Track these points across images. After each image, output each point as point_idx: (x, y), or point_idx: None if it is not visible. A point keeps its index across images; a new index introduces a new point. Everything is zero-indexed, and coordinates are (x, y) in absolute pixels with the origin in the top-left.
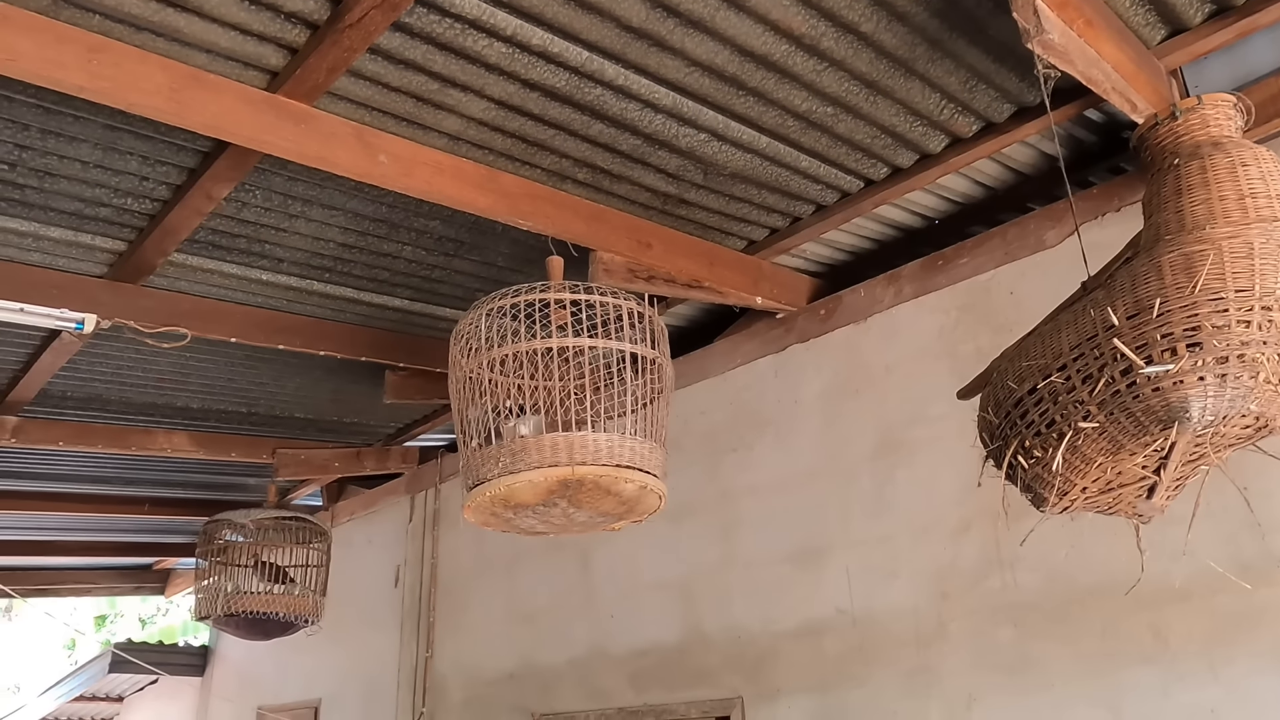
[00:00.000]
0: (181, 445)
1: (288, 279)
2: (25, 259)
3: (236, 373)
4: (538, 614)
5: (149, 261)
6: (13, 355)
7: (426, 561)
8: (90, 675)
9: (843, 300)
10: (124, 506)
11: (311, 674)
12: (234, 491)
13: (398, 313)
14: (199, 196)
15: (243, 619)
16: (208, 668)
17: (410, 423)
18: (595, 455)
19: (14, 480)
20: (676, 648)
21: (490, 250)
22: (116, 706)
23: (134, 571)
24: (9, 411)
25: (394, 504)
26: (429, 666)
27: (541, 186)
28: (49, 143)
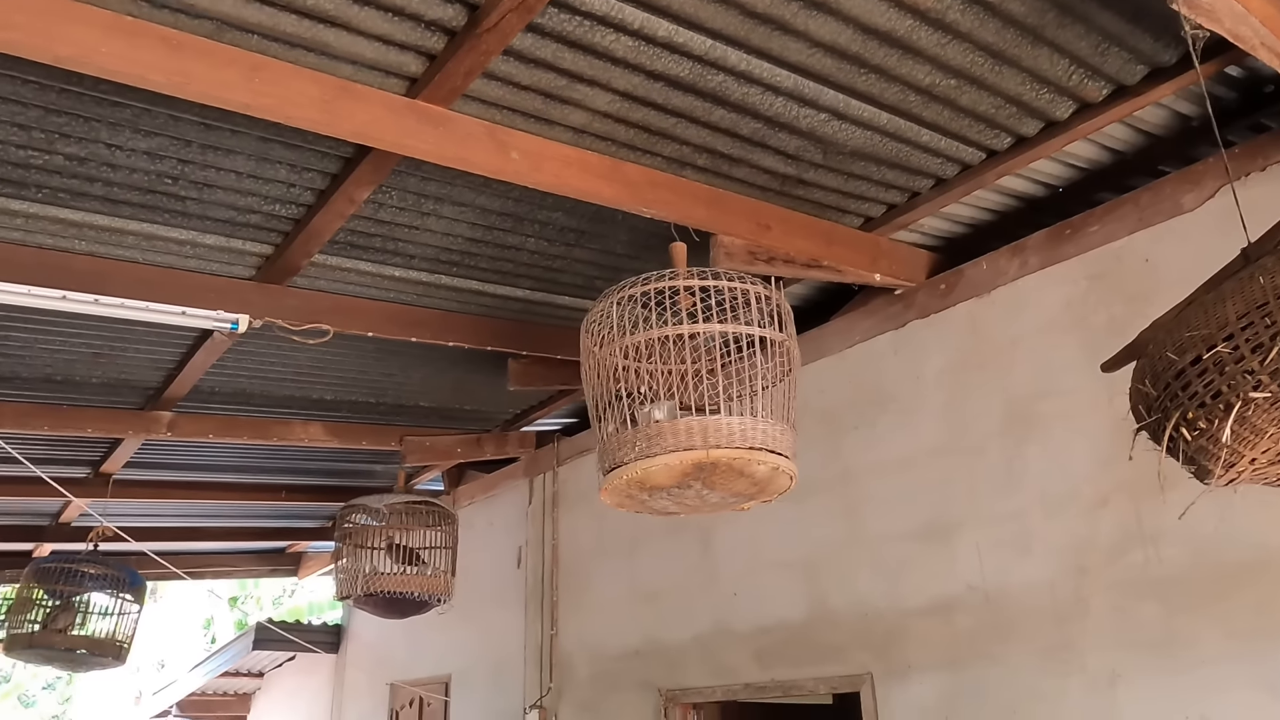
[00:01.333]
0: (317, 435)
1: (418, 274)
2: (183, 265)
3: (367, 365)
4: (660, 592)
5: (294, 263)
6: (169, 355)
7: (547, 542)
8: (235, 652)
9: (964, 274)
10: (262, 494)
11: (441, 651)
12: (362, 478)
13: (520, 303)
14: (342, 200)
15: (380, 598)
16: (341, 645)
17: (527, 409)
18: (729, 438)
19: (170, 471)
20: (802, 625)
21: (609, 239)
22: (257, 681)
23: (269, 555)
24: (165, 407)
25: (513, 487)
26: (554, 643)
27: (662, 174)
28: (208, 156)
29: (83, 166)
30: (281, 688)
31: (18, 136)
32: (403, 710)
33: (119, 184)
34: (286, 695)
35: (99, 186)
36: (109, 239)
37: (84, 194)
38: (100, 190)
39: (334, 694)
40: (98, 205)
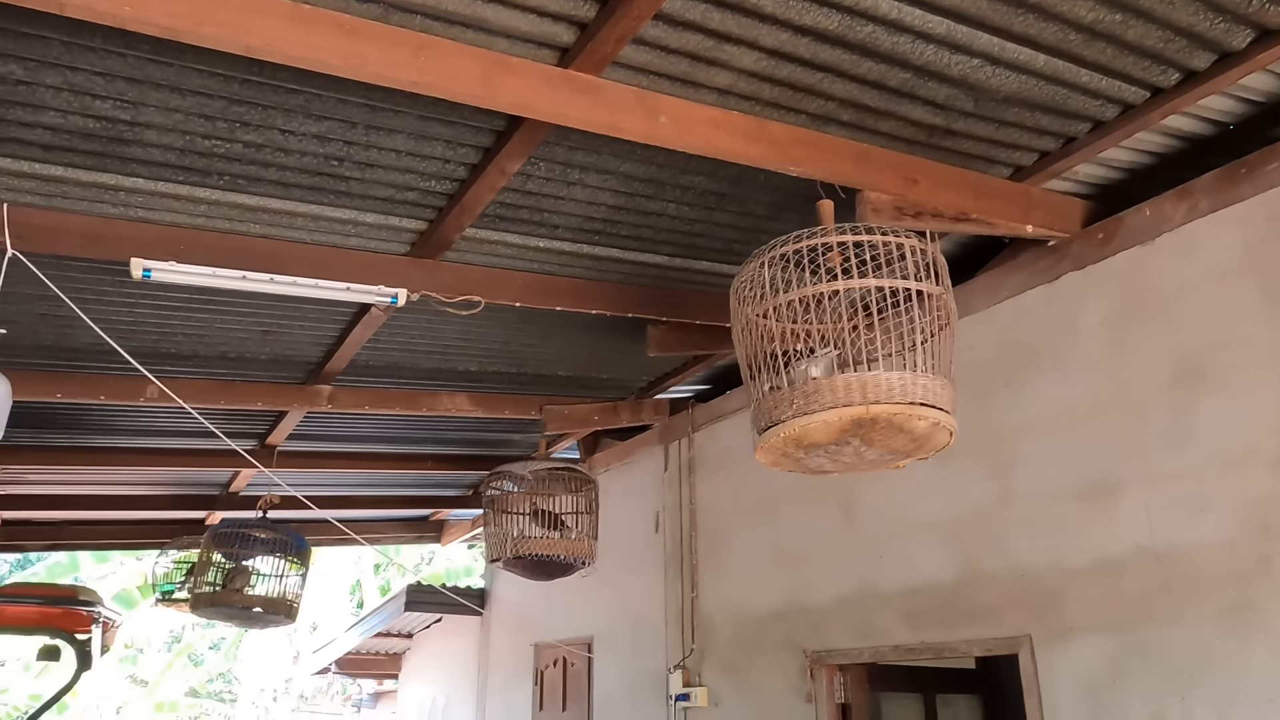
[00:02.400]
0: (462, 405)
1: (561, 244)
2: (345, 244)
3: (509, 336)
4: (802, 555)
5: (447, 237)
6: (329, 331)
7: (685, 507)
8: (388, 614)
9: (1124, 222)
10: (409, 464)
11: (582, 613)
12: (501, 447)
13: (658, 269)
14: (494, 173)
15: (528, 561)
16: (485, 608)
17: (661, 376)
18: (889, 394)
19: (325, 442)
20: (953, 586)
21: (750, 201)
22: (407, 642)
23: (414, 522)
24: (325, 381)
25: (648, 454)
26: (695, 606)
27: (808, 131)
28: (372, 137)
29: (259, 153)
30: (429, 648)
31: (204, 127)
32: (547, 670)
33: (291, 168)
34: (434, 655)
35: (273, 171)
36: (281, 221)
37: (260, 179)
38: (274, 175)
39: (480, 654)
40: (271, 189)
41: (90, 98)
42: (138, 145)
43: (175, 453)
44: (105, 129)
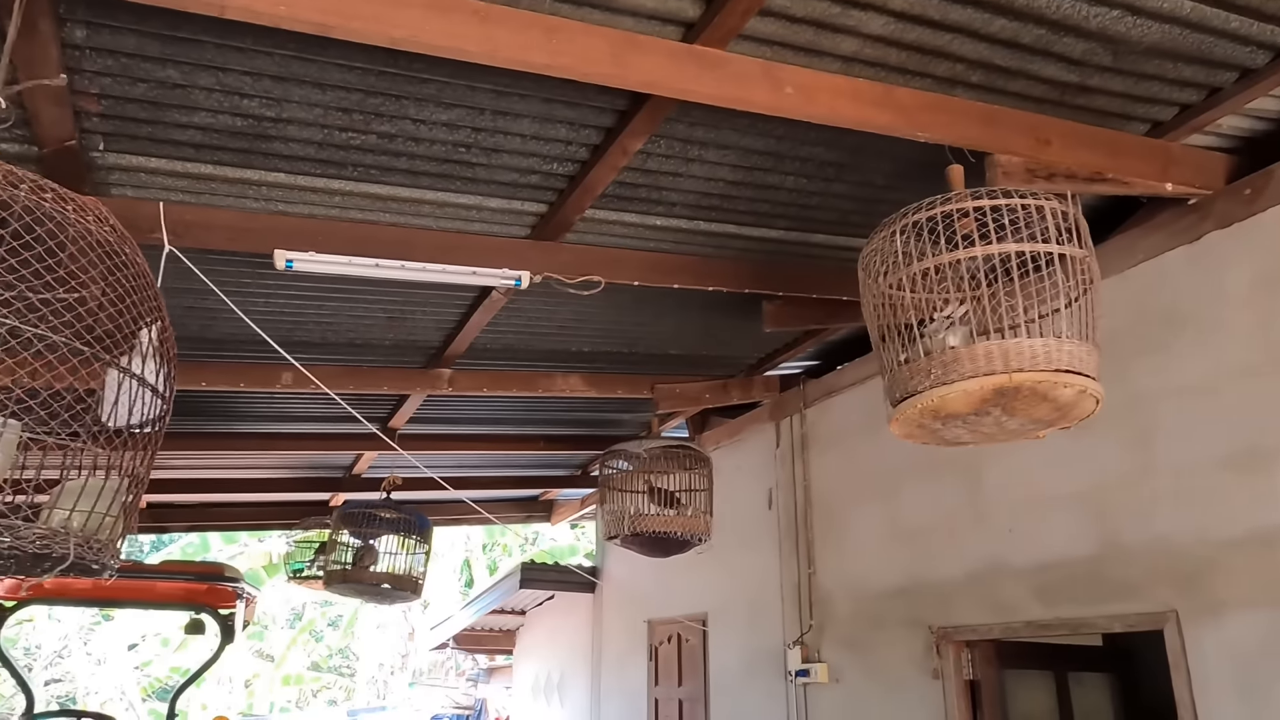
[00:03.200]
0: (576, 386)
1: (678, 222)
2: (469, 229)
3: (621, 316)
4: (924, 530)
5: (567, 219)
6: (450, 316)
7: (799, 484)
8: (504, 591)
9: (1275, 175)
10: (521, 444)
11: (695, 590)
12: (610, 427)
13: (774, 243)
14: (616, 153)
15: (645, 538)
16: (598, 585)
17: (771, 353)
18: (1033, 361)
19: (441, 425)
20: (1089, 560)
21: (869, 170)
22: (520, 619)
23: (524, 502)
24: (445, 365)
25: (759, 431)
26: (812, 582)
27: (935, 95)
28: (498, 122)
29: (391, 143)
30: (542, 625)
31: (341, 120)
32: (661, 646)
33: (420, 156)
34: (548, 631)
35: (403, 160)
36: (409, 209)
37: (391, 169)
38: (404, 164)
39: (593, 630)
40: (401, 179)
41: (239, 97)
42: (280, 141)
43: (304, 437)
44: (251, 126)
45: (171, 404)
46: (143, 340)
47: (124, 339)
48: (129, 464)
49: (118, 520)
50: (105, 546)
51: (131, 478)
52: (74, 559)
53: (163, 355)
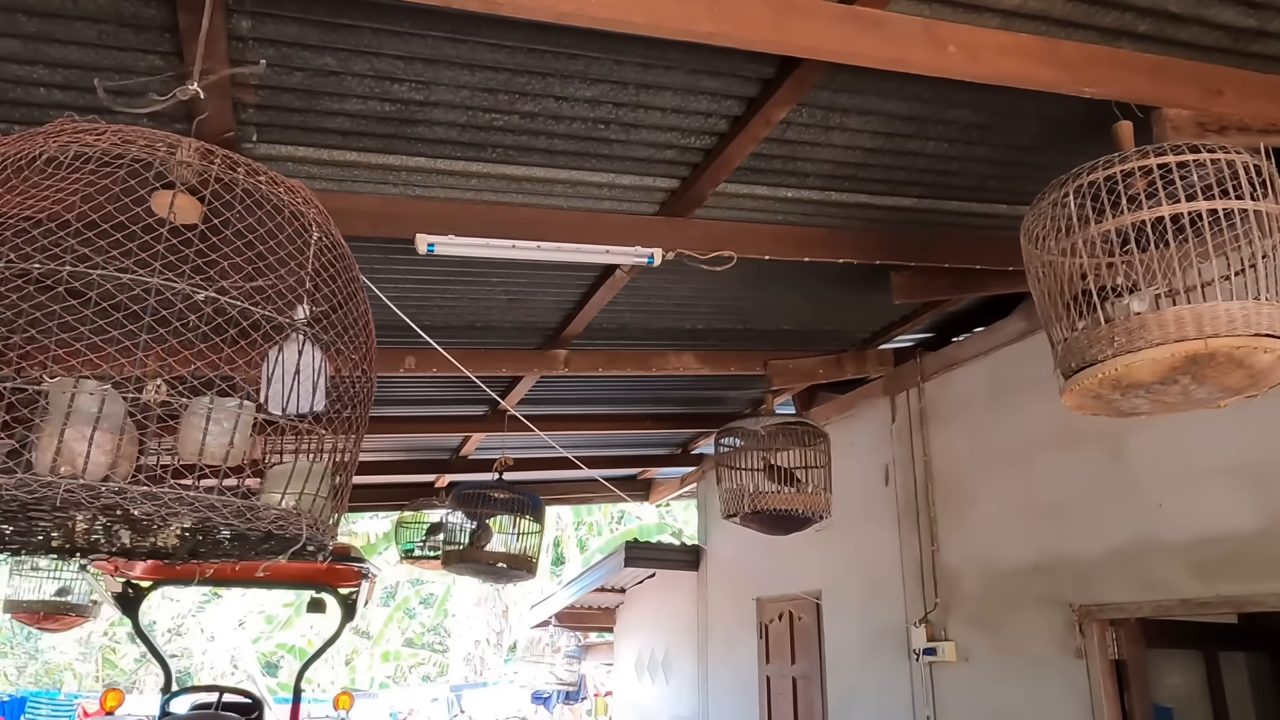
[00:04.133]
0: (689, 363)
1: (810, 193)
2: (599, 207)
3: (737, 293)
4: (1062, 505)
5: (700, 194)
6: (570, 296)
7: (918, 459)
8: (607, 569)
9: None
10: (623, 423)
11: (808, 568)
12: (714, 405)
13: (905, 212)
14: (759, 124)
15: (765, 515)
16: (701, 563)
17: (884, 327)
18: (1229, 325)
19: (548, 406)
20: (1257, 536)
21: (1014, 132)
22: (620, 597)
23: (622, 481)
24: (562, 345)
25: (872, 406)
26: (936, 559)
27: (1100, 48)
28: (641, 96)
29: (533, 123)
30: (643, 602)
31: (487, 101)
32: (771, 624)
33: (559, 135)
34: (649, 609)
35: (542, 140)
36: (542, 189)
37: (530, 149)
38: (543, 144)
39: (698, 608)
40: (539, 159)
41: (390, 82)
42: (424, 125)
43: (419, 420)
44: (398, 111)
45: (374, 389)
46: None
47: (336, 321)
48: (341, 447)
49: (328, 502)
50: (325, 528)
51: (342, 461)
52: (304, 540)
53: (365, 338)
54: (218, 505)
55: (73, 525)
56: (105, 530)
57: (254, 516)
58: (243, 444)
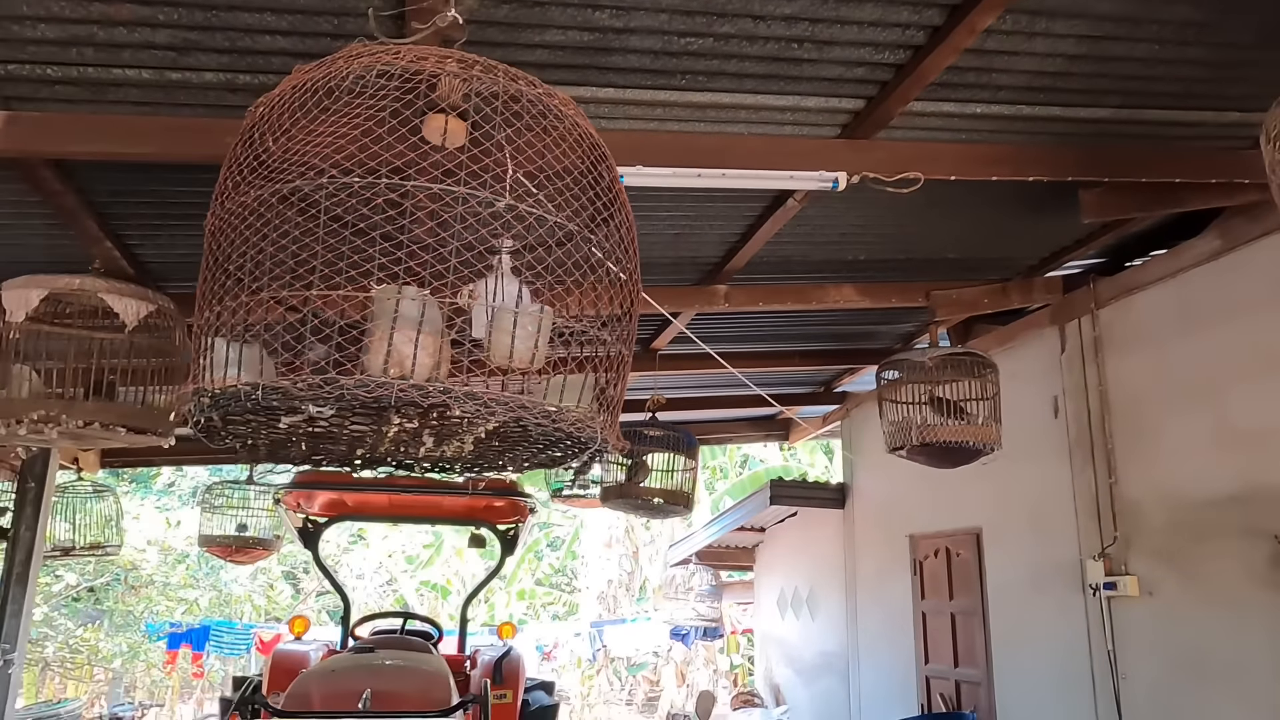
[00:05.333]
0: (849, 296)
1: (1000, 109)
2: (780, 132)
3: (903, 221)
4: (1262, 433)
5: (887, 113)
6: (735, 229)
7: (1092, 390)
8: (751, 508)
9: None
10: (768, 361)
11: (966, 504)
12: (863, 340)
13: (1100, 125)
14: (962, 33)
15: (934, 448)
16: (847, 502)
17: (1054, 252)
18: None
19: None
20: None
21: (1235, 29)
22: (759, 536)
23: (762, 422)
24: (722, 280)
25: (1036, 336)
26: (1114, 492)
27: None
28: (840, 10)
29: (725, 45)
30: (785, 541)
31: (684, 24)
32: (926, 560)
33: (751, 56)
34: (791, 548)
35: (733, 63)
36: (726, 116)
37: (719, 74)
38: (733, 67)
39: (844, 546)
40: (726, 83)
41: (591, 10)
42: (619, 54)
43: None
44: (596, 40)
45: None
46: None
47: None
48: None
49: (607, 410)
50: (615, 434)
51: (620, 370)
52: (598, 445)
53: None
54: (529, 406)
55: (386, 430)
56: (411, 436)
57: (558, 418)
58: (545, 348)
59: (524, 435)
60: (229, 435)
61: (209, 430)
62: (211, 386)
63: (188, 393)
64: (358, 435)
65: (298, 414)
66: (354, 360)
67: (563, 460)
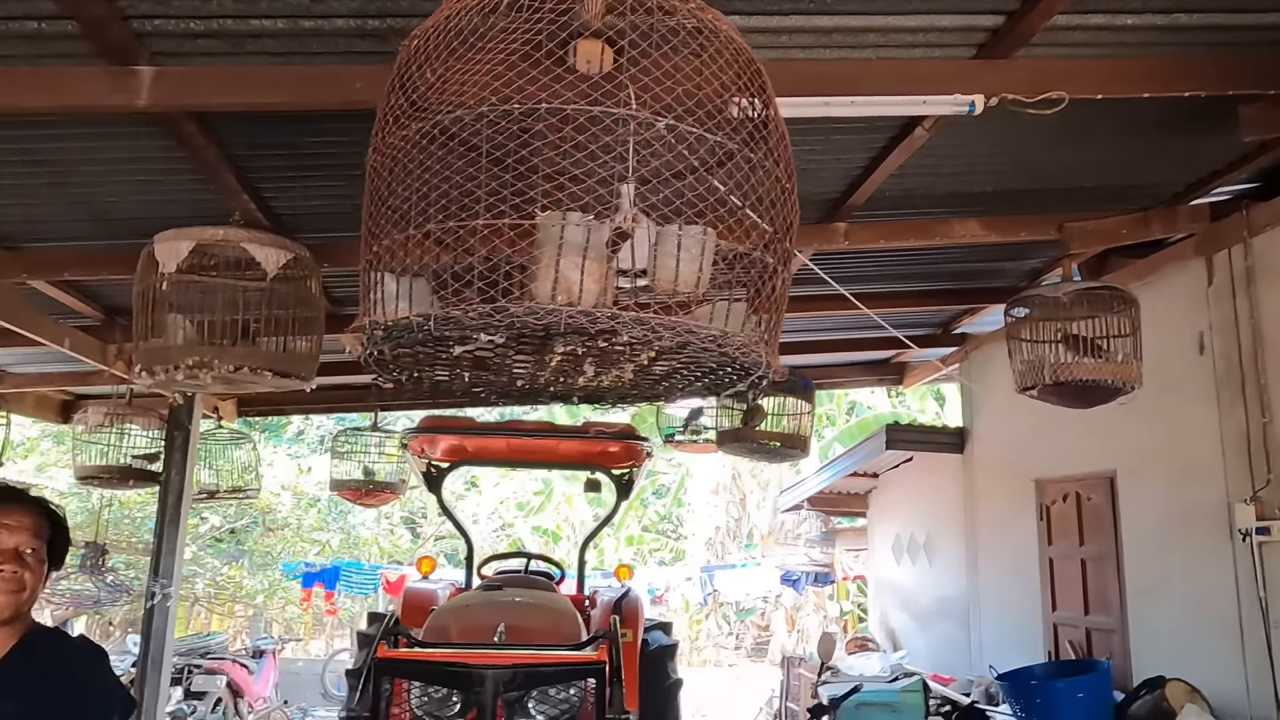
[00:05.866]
0: (975, 231)
1: (1153, 18)
2: (911, 55)
3: (1037, 148)
4: None
5: (1028, 30)
6: (858, 161)
7: (1244, 324)
8: (866, 453)
9: None
10: (883, 302)
11: (1097, 447)
12: (985, 278)
13: (1266, 31)
14: None
15: (1070, 387)
16: (966, 446)
17: (1201, 178)
18: None
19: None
20: None
21: None
22: (873, 481)
23: (873, 366)
24: (841, 218)
25: (1180, 269)
26: (1267, 432)
27: None
28: None
29: None
30: (899, 486)
31: None
32: (1053, 505)
33: None
34: (906, 494)
35: None
36: (853, 40)
37: None
38: None
39: (964, 491)
40: (854, 4)
41: None
42: None
43: None
44: None
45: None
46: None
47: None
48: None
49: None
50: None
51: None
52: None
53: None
54: (695, 330)
55: (549, 360)
56: (573, 365)
57: (724, 342)
58: (709, 270)
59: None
60: (397, 369)
61: (379, 364)
62: (384, 320)
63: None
64: (519, 367)
65: (468, 343)
66: (520, 289)
67: (721, 388)
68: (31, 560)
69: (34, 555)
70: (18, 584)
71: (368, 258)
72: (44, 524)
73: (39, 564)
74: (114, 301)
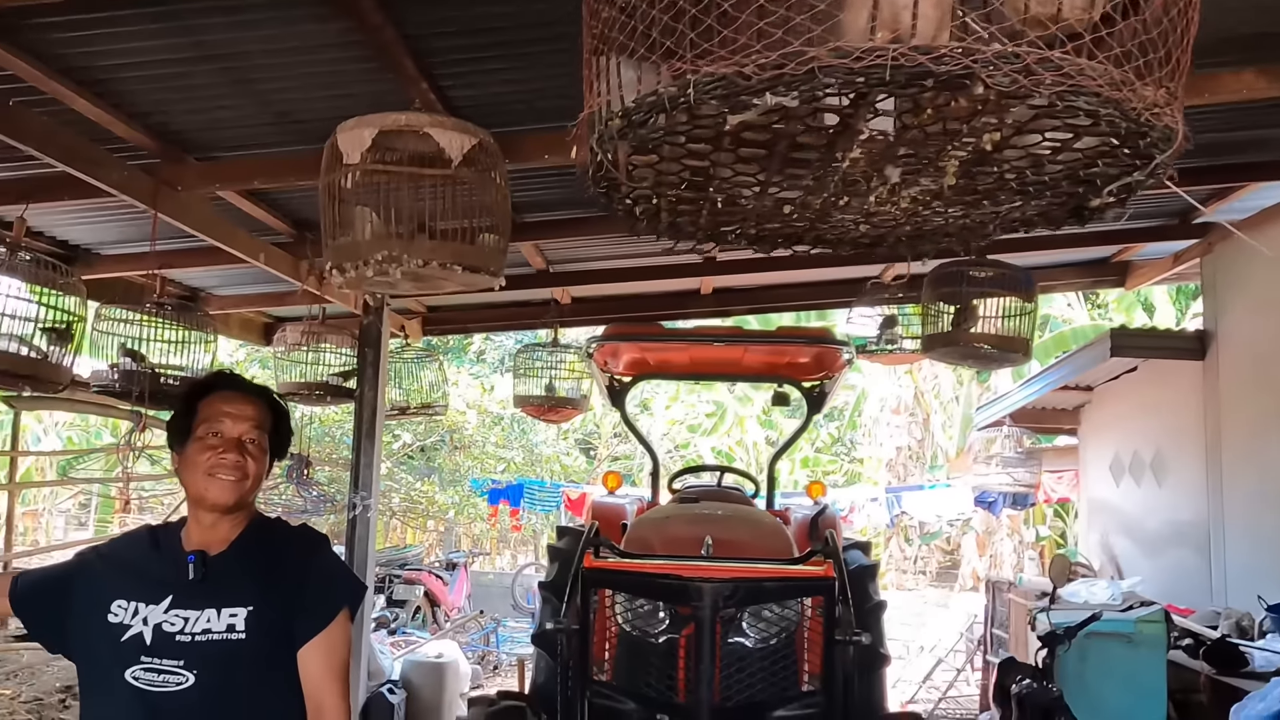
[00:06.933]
0: (1251, 84)
1: None
2: None
3: None
4: None
5: None
6: None
7: None
8: (1084, 361)
9: None
10: None
11: None
12: (1238, 152)
13: None
14: None
15: None
16: (1209, 352)
17: None
18: None
19: None
20: None
21: None
22: (1086, 396)
23: (1090, 265)
24: None
25: None
26: None
27: None
28: None
29: None
30: (1120, 399)
31: None
32: None
33: None
34: (1129, 407)
35: None
36: None
37: None
38: None
39: (1204, 403)
40: None
41: None
42: None
43: None
44: None
45: None
46: None
47: None
48: None
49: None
50: None
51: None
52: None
53: None
54: (1088, 71)
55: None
56: (866, 172)
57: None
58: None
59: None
60: (631, 193)
61: (608, 180)
62: (621, 104)
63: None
64: (781, 201)
65: (746, 110)
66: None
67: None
68: (254, 450)
69: (256, 445)
70: (240, 473)
71: (590, 40)
72: (267, 414)
73: (261, 454)
74: (302, 214)
